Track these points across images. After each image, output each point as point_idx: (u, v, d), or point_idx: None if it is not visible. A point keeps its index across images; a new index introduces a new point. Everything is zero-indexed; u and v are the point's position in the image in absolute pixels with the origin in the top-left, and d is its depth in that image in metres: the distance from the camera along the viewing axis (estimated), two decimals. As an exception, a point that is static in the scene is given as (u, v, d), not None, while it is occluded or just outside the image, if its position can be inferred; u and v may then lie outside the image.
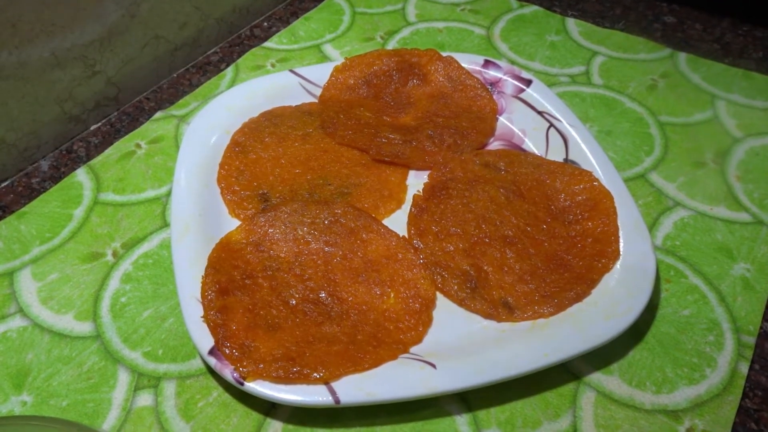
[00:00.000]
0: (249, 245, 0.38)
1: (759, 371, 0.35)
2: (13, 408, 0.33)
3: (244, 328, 0.34)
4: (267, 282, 0.36)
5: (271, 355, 0.32)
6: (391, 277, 0.37)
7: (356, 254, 0.37)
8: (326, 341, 0.33)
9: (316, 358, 0.32)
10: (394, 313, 0.35)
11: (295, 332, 0.34)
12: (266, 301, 0.35)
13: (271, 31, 0.59)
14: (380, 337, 0.34)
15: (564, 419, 0.33)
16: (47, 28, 0.45)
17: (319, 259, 0.37)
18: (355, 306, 0.35)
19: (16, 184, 0.45)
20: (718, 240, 0.41)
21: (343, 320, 0.35)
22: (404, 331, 0.34)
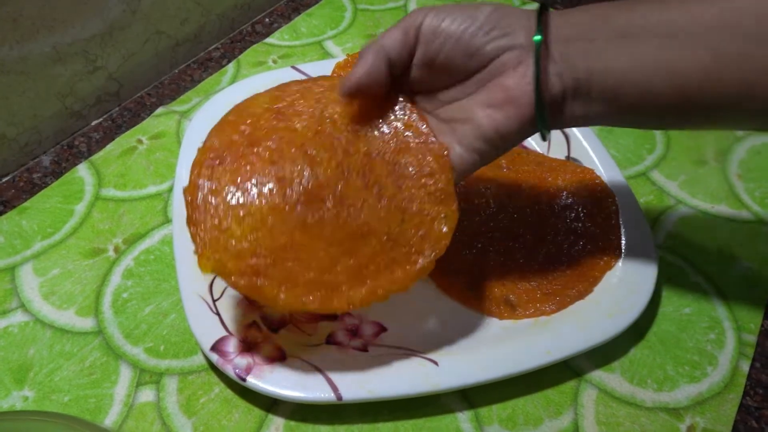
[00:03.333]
0: (270, 111, 0.32)
1: (760, 369, 0.35)
2: (14, 403, 0.33)
3: (224, 208, 0.29)
4: (270, 153, 0.31)
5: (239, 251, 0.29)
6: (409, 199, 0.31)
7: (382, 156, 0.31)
8: (306, 253, 0.29)
9: (285, 275, 0.29)
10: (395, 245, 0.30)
11: (276, 227, 0.29)
12: (260, 175, 0.30)
13: (272, 27, 0.59)
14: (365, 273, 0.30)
15: (565, 416, 0.33)
16: (48, 23, 0.45)
17: (339, 147, 0.31)
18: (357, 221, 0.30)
19: (18, 179, 0.45)
20: (719, 238, 0.41)
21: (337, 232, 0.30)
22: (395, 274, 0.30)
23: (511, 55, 0.29)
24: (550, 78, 0.28)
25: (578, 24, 0.28)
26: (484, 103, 0.30)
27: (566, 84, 0.28)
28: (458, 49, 0.29)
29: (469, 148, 0.30)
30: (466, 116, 0.30)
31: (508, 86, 0.29)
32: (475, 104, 0.30)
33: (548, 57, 0.28)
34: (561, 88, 0.29)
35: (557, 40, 0.29)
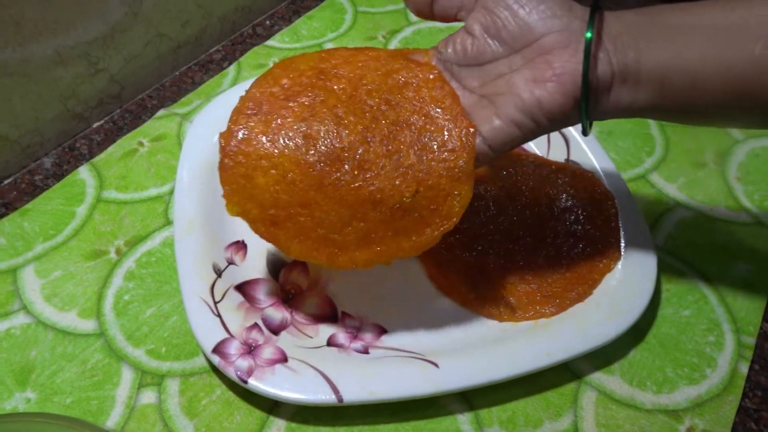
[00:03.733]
0: (313, 70, 0.33)
1: (759, 371, 0.36)
2: (17, 405, 0.33)
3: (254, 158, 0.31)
4: (303, 110, 0.32)
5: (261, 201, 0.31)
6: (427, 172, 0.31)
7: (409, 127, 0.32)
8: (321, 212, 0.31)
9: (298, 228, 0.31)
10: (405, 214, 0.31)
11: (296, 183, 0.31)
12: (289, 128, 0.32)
13: (273, 29, 0.59)
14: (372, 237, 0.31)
15: (565, 418, 0.33)
16: (51, 26, 0.45)
17: (368, 112, 0.32)
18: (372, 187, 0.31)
19: (19, 181, 0.45)
20: (718, 240, 0.42)
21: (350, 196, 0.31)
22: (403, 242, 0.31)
23: (561, 36, 0.29)
24: (599, 61, 0.29)
25: (629, 21, 0.29)
26: (529, 78, 0.30)
27: (614, 69, 0.29)
28: (514, 20, 0.30)
29: (508, 120, 0.30)
30: (508, 89, 0.30)
31: (555, 64, 0.29)
32: (520, 78, 0.30)
33: (599, 43, 0.29)
34: (609, 73, 0.29)
35: (608, 33, 0.29)
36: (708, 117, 0.31)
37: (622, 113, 0.30)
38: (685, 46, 0.28)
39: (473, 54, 0.32)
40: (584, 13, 0.30)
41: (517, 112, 0.30)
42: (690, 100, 0.28)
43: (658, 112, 0.30)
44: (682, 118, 0.31)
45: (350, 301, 0.37)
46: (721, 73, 0.27)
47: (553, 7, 0.30)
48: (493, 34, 0.31)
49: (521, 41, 0.30)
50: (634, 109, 0.30)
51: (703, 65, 0.27)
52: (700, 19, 0.28)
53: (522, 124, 0.30)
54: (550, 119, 0.30)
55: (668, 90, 0.28)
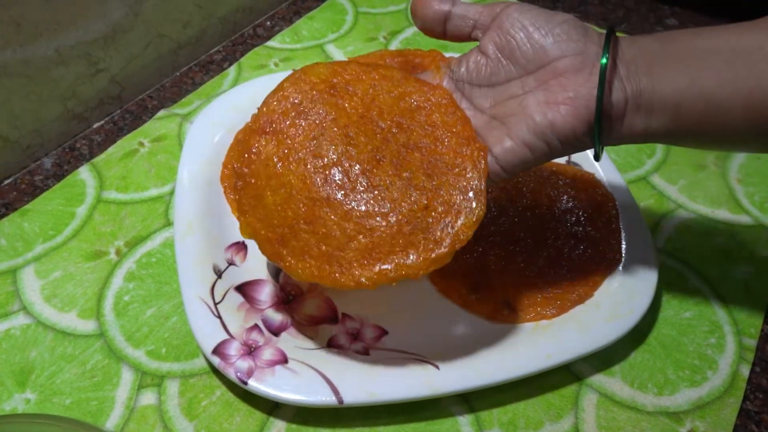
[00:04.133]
0: (325, 84, 0.33)
1: (760, 373, 0.35)
2: (16, 406, 0.33)
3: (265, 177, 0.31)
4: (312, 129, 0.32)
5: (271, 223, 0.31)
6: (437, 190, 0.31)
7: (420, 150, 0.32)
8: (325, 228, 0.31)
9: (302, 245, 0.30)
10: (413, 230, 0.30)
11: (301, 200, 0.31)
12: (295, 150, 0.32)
13: (274, 30, 0.59)
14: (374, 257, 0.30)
15: (566, 420, 0.33)
16: (51, 27, 0.45)
17: (378, 133, 0.32)
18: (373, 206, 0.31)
19: (19, 181, 0.45)
20: (719, 242, 0.41)
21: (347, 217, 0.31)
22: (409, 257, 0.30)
23: (575, 60, 0.29)
24: (614, 87, 0.28)
25: (644, 46, 0.29)
26: (542, 101, 0.29)
27: (628, 95, 0.28)
28: (529, 41, 0.30)
29: (520, 141, 0.30)
30: (521, 111, 0.30)
31: (569, 87, 0.29)
32: (533, 100, 0.30)
33: (614, 69, 0.29)
34: (623, 99, 0.28)
35: (622, 58, 0.29)
36: (723, 143, 0.30)
37: (635, 139, 0.30)
38: (700, 71, 0.27)
39: (486, 74, 0.32)
40: (599, 39, 0.30)
41: (529, 133, 0.29)
42: (706, 126, 0.28)
43: (673, 137, 0.30)
44: (696, 144, 0.31)
45: (350, 302, 0.37)
46: (739, 98, 0.27)
47: (569, 31, 0.30)
48: (507, 54, 0.31)
49: (535, 63, 0.30)
50: (649, 134, 0.29)
51: (719, 90, 0.27)
52: (715, 43, 0.28)
53: (534, 146, 0.30)
54: (562, 142, 0.29)
55: (683, 116, 0.28)
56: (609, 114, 0.29)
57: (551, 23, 0.30)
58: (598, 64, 0.29)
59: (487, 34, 0.31)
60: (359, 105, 0.33)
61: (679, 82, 0.28)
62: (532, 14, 0.30)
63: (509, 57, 0.31)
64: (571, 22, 0.30)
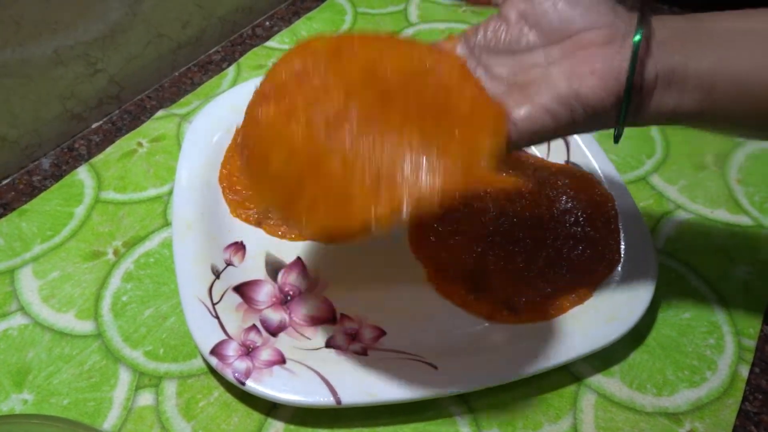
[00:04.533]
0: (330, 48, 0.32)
1: (759, 374, 0.35)
2: (13, 406, 0.33)
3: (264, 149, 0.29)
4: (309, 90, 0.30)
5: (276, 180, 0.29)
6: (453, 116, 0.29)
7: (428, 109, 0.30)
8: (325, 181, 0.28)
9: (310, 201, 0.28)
10: None
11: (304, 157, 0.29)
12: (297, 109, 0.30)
13: (273, 30, 0.59)
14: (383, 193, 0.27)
15: (565, 421, 0.33)
16: (50, 26, 0.45)
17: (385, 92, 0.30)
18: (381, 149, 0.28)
19: (18, 181, 0.45)
20: (718, 243, 0.41)
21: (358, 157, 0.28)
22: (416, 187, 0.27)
23: (604, 32, 0.28)
24: (646, 62, 0.27)
25: (675, 26, 0.28)
26: (567, 71, 0.28)
27: (659, 71, 0.27)
28: (555, 10, 0.29)
29: (542, 108, 0.28)
30: (545, 80, 0.28)
31: (597, 60, 0.27)
32: (557, 70, 0.28)
33: (646, 45, 0.27)
34: (654, 74, 0.27)
35: (654, 36, 0.28)
36: (756, 128, 0.29)
37: (663, 119, 0.29)
38: (735, 52, 0.27)
39: (506, 41, 0.30)
40: (629, 17, 0.29)
41: (552, 101, 0.28)
42: (739, 108, 0.27)
43: (704, 120, 0.28)
44: (727, 128, 0.30)
45: (349, 302, 0.37)
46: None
47: (598, 4, 0.29)
48: (531, 23, 0.29)
49: (561, 33, 0.29)
50: (677, 114, 0.28)
51: (754, 72, 0.26)
52: (751, 24, 0.27)
53: (557, 113, 0.28)
54: (587, 113, 0.28)
55: (717, 96, 0.27)
56: (640, 88, 0.27)
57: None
58: (628, 38, 0.27)
59: (509, 0, 0.30)
60: (365, 67, 0.31)
61: (713, 62, 0.27)
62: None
63: (533, 25, 0.29)
64: None
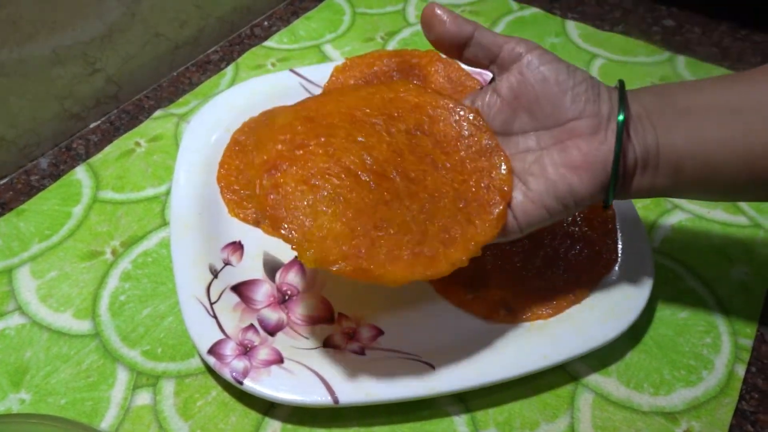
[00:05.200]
0: (299, 119, 0.32)
1: (756, 374, 0.35)
2: (11, 406, 0.33)
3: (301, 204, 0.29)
4: (322, 149, 0.30)
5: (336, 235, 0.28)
6: (461, 161, 0.31)
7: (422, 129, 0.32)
8: (396, 227, 0.29)
9: (386, 251, 0.29)
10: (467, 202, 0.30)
11: (361, 207, 0.29)
12: (323, 169, 0.30)
13: (271, 30, 0.59)
14: (452, 233, 0.30)
15: (562, 420, 0.33)
16: (48, 26, 0.45)
17: (382, 130, 0.32)
18: (426, 188, 0.31)
19: (15, 181, 0.45)
20: (715, 243, 0.41)
21: (413, 202, 0.30)
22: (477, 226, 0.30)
23: (591, 121, 0.29)
24: (626, 149, 0.29)
25: (647, 103, 0.30)
26: (559, 162, 0.30)
27: (638, 155, 0.29)
28: (547, 96, 0.30)
29: (538, 202, 0.30)
30: (539, 171, 0.30)
31: (587, 150, 0.29)
32: (549, 161, 0.30)
33: (626, 135, 0.29)
34: (633, 158, 0.29)
35: (630, 116, 0.29)
36: (726, 195, 0.31)
37: (642, 195, 0.31)
38: (701, 131, 0.28)
39: (501, 120, 0.31)
40: (610, 95, 0.30)
41: (549, 197, 0.30)
42: (707, 182, 0.29)
43: (676, 192, 0.30)
44: (699, 197, 0.32)
45: (346, 302, 0.37)
46: (738, 156, 0.27)
47: (587, 91, 0.30)
48: (524, 104, 0.30)
49: (553, 120, 0.30)
50: (652, 190, 0.30)
51: (719, 149, 0.28)
52: (714, 100, 0.28)
53: (553, 208, 0.30)
54: (578, 204, 0.30)
55: (686, 172, 0.29)
56: (623, 175, 0.30)
57: (572, 79, 0.30)
58: (612, 125, 0.29)
59: (505, 75, 0.31)
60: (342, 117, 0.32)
61: (681, 142, 0.28)
62: (554, 67, 0.30)
63: (526, 108, 0.30)
64: (589, 81, 0.30)
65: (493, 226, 0.30)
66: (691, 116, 0.28)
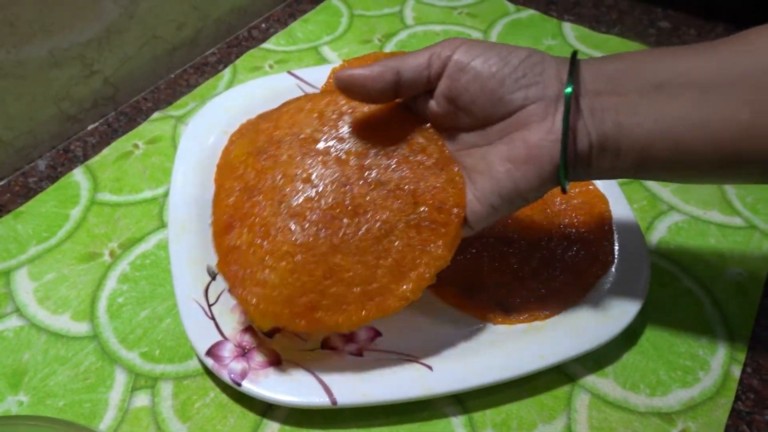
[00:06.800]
0: (251, 155, 0.33)
1: (751, 374, 0.36)
2: (9, 408, 0.33)
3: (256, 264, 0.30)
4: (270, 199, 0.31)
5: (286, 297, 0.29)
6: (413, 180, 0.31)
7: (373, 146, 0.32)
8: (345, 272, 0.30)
9: (335, 300, 0.30)
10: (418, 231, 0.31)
11: (309, 260, 0.30)
12: (271, 223, 0.31)
13: (269, 32, 0.59)
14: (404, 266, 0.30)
15: (559, 421, 0.33)
16: (45, 27, 0.45)
17: (331, 160, 0.31)
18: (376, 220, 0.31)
19: (13, 183, 0.45)
20: (711, 244, 0.42)
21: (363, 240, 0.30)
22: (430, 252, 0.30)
23: (539, 107, 0.28)
24: (578, 134, 0.27)
25: (610, 75, 0.27)
26: (505, 157, 0.29)
27: (593, 139, 0.27)
28: (484, 94, 0.28)
29: (485, 202, 0.30)
30: (485, 168, 0.29)
31: (532, 143, 0.28)
32: (496, 156, 0.29)
33: (577, 111, 0.27)
34: (588, 144, 0.28)
35: (587, 93, 0.27)
36: (692, 178, 0.29)
37: (603, 175, 0.29)
38: (668, 111, 0.26)
39: (445, 124, 0.31)
40: (558, 72, 0.28)
41: (493, 195, 0.29)
42: (674, 165, 0.27)
43: (641, 173, 0.29)
44: (665, 179, 0.30)
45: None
46: (707, 139, 0.26)
47: (527, 73, 0.28)
48: (463, 109, 0.29)
49: (497, 116, 0.29)
50: (614, 171, 0.29)
51: (687, 131, 0.26)
52: (685, 76, 0.26)
53: (497, 205, 0.30)
54: (525, 199, 0.29)
55: (651, 155, 0.27)
56: (573, 161, 0.28)
57: (507, 67, 0.28)
58: (561, 108, 0.27)
59: (438, 86, 0.30)
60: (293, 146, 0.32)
61: (647, 125, 0.27)
62: (484, 58, 0.28)
63: (465, 111, 0.29)
64: (528, 62, 0.28)
65: (447, 249, 0.31)
66: (660, 93, 0.26)
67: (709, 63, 0.26)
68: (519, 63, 0.28)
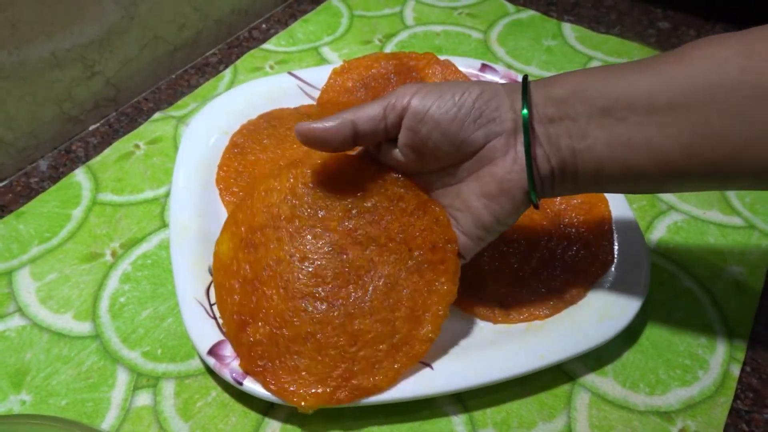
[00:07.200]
0: (239, 248, 0.34)
1: (750, 373, 0.36)
2: (12, 407, 0.33)
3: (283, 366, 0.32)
4: (274, 288, 0.33)
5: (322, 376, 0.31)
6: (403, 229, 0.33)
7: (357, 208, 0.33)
8: (367, 333, 0.32)
9: (366, 362, 0.31)
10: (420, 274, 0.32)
11: (330, 334, 0.32)
12: (282, 312, 0.32)
13: (269, 33, 0.59)
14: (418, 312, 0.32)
15: (559, 420, 0.34)
16: (47, 29, 0.45)
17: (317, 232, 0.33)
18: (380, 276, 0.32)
19: (15, 183, 0.45)
20: (710, 243, 0.42)
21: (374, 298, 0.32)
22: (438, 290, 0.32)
23: (499, 141, 0.29)
24: (539, 161, 0.29)
25: (559, 99, 0.28)
26: (479, 193, 0.31)
27: (554, 165, 0.29)
28: (447, 139, 0.30)
29: (471, 236, 0.32)
30: (463, 205, 0.31)
31: (501, 176, 0.30)
32: (470, 193, 0.31)
33: (535, 139, 0.29)
34: (550, 170, 0.29)
35: (541, 121, 0.29)
36: (648, 191, 0.32)
37: (565, 193, 0.31)
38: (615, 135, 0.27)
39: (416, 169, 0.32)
40: (512, 104, 0.29)
41: (478, 229, 0.31)
42: (627, 180, 0.29)
43: (599, 188, 0.31)
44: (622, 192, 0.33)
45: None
46: (652, 159, 0.27)
47: (481, 113, 0.29)
48: (428, 155, 0.31)
49: (461, 156, 0.30)
50: (577, 189, 0.31)
51: (633, 153, 0.27)
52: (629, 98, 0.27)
53: (482, 236, 0.32)
54: (506, 224, 0.31)
55: (605, 174, 0.29)
56: (540, 187, 0.30)
57: (463, 106, 0.29)
58: (520, 138, 0.29)
59: (399, 137, 0.31)
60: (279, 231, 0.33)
61: (598, 149, 0.28)
62: (440, 104, 0.29)
63: (431, 157, 0.31)
64: (484, 94, 0.29)
65: (452, 283, 0.32)
66: (610, 118, 0.27)
67: (651, 83, 0.27)
68: (473, 102, 0.29)
